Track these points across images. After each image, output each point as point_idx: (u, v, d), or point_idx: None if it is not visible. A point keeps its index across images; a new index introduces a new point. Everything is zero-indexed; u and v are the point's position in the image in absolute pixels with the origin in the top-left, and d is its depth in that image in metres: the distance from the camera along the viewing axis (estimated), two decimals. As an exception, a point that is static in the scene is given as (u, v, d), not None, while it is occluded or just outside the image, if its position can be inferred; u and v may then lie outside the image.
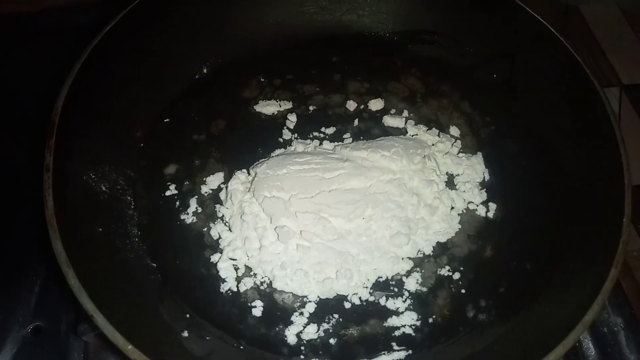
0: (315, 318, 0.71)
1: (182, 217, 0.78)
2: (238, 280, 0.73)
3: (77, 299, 0.58)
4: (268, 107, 0.90)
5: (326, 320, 0.71)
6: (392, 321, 0.71)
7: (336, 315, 0.71)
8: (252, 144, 0.86)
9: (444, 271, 0.75)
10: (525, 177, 0.84)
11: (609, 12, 2.02)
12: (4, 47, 1.11)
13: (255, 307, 0.71)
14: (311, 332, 0.69)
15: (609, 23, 1.99)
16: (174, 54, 0.89)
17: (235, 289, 0.72)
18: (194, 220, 0.78)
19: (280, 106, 0.91)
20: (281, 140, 0.87)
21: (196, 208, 0.79)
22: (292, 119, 0.89)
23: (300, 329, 0.70)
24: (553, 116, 0.85)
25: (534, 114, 0.87)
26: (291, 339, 0.69)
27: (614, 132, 0.74)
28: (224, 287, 0.72)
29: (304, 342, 0.69)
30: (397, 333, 0.70)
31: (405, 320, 0.71)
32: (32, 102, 0.98)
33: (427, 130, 0.88)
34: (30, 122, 0.94)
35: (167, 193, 0.80)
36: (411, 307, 0.72)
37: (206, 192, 0.81)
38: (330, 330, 0.70)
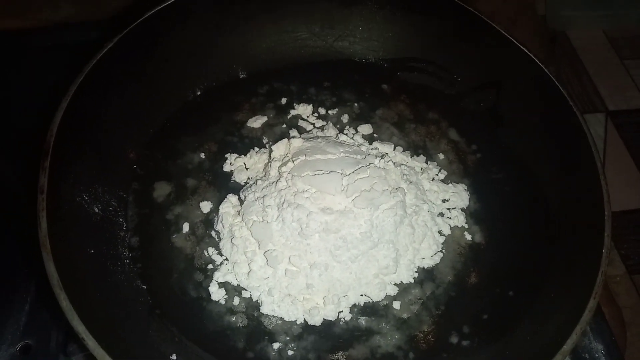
0: (302, 343, 0.72)
1: (173, 239, 0.79)
2: (227, 304, 0.74)
3: (68, 321, 0.58)
4: (258, 121, 0.93)
5: (312, 345, 0.72)
6: (377, 344, 0.72)
7: (323, 341, 0.72)
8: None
9: (429, 297, 0.77)
10: (509, 204, 0.86)
11: (595, 38, 2.07)
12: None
13: (243, 331, 0.72)
14: (297, 358, 0.71)
15: (595, 49, 2.04)
16: (167, 77, 0.90)
17: (223, 313, 0.73)
18: (185, 243, 0.79)
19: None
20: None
21: (187, 230, 0.80)
22: (296, 143, 0.85)
23: (286, 354, 0.71)
24: (537, 145, 0.87)
25: (519, 143, 0.90)
26: (278, 363, 0.70)
27: (595, 165, 0.76)
28: (212, 311, 0.73)
29: (291, 367, 0.70)
30: (382, 357, 0.72)
31: (391, 343, 0.73)
32: (23, 122, 0.99)
33: (415, 157, 0.90)
34: (22, 142, 0.95)
35: (159, 215, 0.81)
36: (396, 331, 0.74)
37: (197, 215, 0.82)
38: (317, 356, 0.71)
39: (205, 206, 0.82)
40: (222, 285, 0.75)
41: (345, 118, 0.95)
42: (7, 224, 0.90)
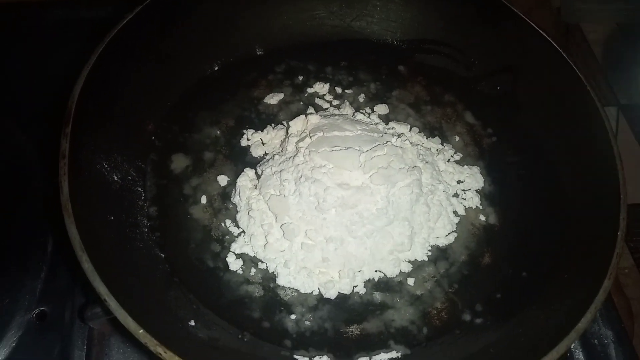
0: (317, 315, 0.73)
1: (191, 210, 0.80)
2: (243, 274, 0.75)
3: (89, 283, 0.59)
4: (274, 98, 0.93)
5: (328, 317, 0.73)
6: (391, 318, 0.73)
7: (338, 313, 0.73)
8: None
9: (442, 275, 0.77)
10: (524, 187, 0.86)
11: (608, 31, 2.06)
12: (11, 35, 1.12)
13: (259, 301, 0.73)
14: (313, 328, 0.71)
15: (608, 42, 2.03)
16: (186, 51, 0.91)
17: (240, 283, 0.74)
18: (203, 214, 0.79)
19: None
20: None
21: (205, 202, 0.80)
22: (314, 120, 0.85)
23: (302, 325, 0.72)
24: (553, 130, 0.87)
25: (535, 127, 0.90)
26: (293, 334, 0.71)
27: (612, 149, 0.77)
28: (230, 280, 0.74)
29: (306, 337, 0.71)
30: (395, 331, 0.72)
31: (405, 318, 0.73)
32: (39, 92, 1.00)
33: (431, 138, 0.91)
34: (37, 111, 0.96)
35: (176, 186, 0.81)
36: (410, 307, 0.74)
37: (215, 187, 0.82)
38: (332, 327, 0.72)
39: (223, 179, 0.83)
40: (238, 256, 0.76)
41: (361, 98, 0.95)
42: (22, 193, 0.90)
